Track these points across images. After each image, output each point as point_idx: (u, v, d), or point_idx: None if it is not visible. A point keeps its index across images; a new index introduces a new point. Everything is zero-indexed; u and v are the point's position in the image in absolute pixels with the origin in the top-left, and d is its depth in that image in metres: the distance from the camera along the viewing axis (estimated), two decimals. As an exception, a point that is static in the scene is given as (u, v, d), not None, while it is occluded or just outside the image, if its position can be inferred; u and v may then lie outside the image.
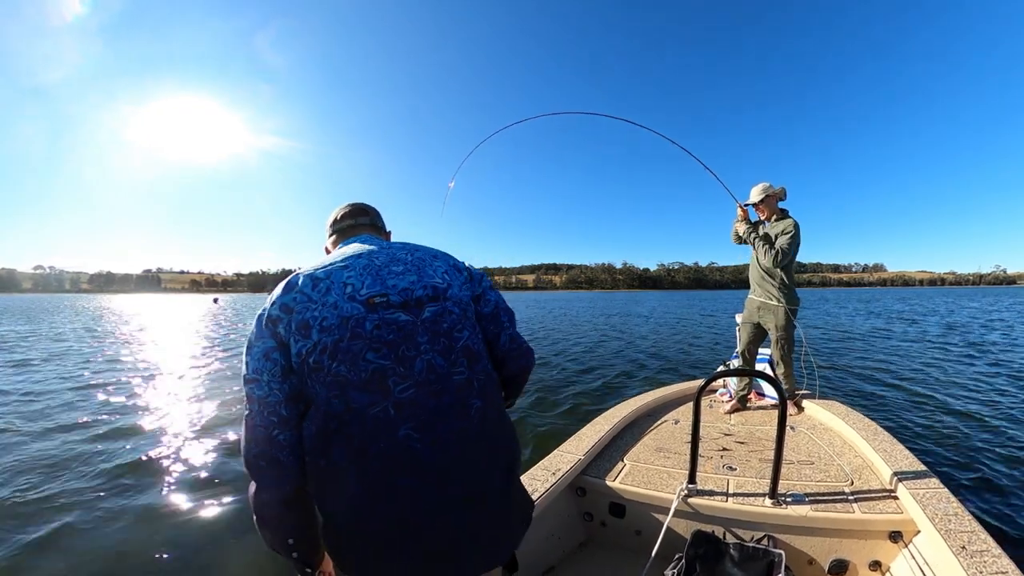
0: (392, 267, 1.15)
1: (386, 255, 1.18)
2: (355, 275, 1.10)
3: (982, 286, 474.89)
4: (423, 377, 1.06)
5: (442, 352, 1.10)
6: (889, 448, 2.50)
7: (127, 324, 24.36)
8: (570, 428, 3.21)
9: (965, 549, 1.61)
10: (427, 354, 1.08)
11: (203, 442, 5.08)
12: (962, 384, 7.72)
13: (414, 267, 1.17)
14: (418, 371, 1.06)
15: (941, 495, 1.97)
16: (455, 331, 1.13)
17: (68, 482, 4.05)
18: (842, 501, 2.09)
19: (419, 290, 1.12)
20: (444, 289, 1.16)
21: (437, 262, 1.22)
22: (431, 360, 1.07)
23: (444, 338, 1.11)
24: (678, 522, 2.15)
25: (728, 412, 3.56)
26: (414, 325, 1.08)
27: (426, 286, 1.14)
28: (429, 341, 1.09)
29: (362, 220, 1.38)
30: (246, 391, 1.05)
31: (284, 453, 1.02)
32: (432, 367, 1.07)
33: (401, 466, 1.01)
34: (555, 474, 2.30)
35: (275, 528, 1.08)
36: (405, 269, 1.16)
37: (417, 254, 1.22)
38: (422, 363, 1.06)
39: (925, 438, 5.00)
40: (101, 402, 6.92)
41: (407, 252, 1.21)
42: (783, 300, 3.56)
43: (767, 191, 3.71)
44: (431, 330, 1.10)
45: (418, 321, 1.09)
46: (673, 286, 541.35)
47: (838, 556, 1.99)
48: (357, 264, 1.13)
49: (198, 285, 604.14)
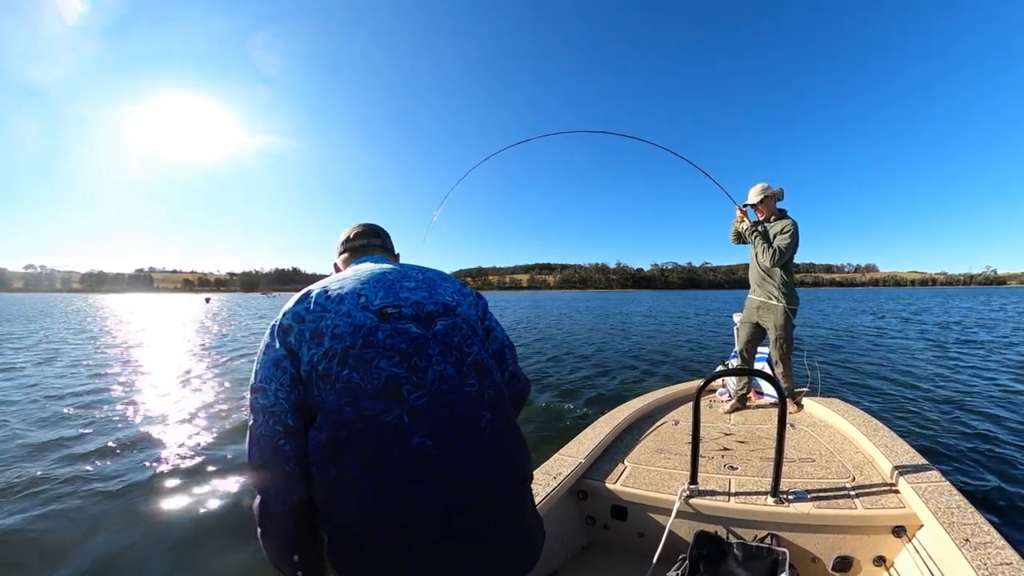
0: (404, 283, 1.19)
1: (398, 273, 1.23)
2: (368, 287, 1.14)
3: (973, 286, 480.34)
4: (435, 387, 1.06)
5: (453, 364, 1.11)
6: (890, 443, 2.50)
7: (103, 325, 23.59)
8: (573, 432, 3.18)
9: (969, 542, 1.61)
10: (438, 365, 1.08)
11: (187, 448, 5.01)
12: (958, 379, 7.78)
13: (425, 284, 1.21)
14: (430, 381, 1.06)
15: (943, 488, 1.97)
16: (465, 345, 1.15)
17: (57, 486, 3.98)
18: (844, 497, 2.09)
19: (430, 305, 1.16)
20: (454, 306, 1.19)
21: (446, 283, 1.27)
22: (443, 371, 1.08)
23: (455, 351, 1.12)
24: (680, 523, 2.14)
25: (728, 412, 3.56)
26: (425, 337, 1.10)
27: (437, 302, 1.17)
28: (440, 353, 1.10)
29: (374, 241, 1.45)
30: (251, 400, 1.05)
31: (290, 464, 1.02)
32: (444, 378, 1.08)
33: (416, 474, 1.00)
34: (556, 478, 2.28)
35: (279, 541, 1.07)
36: (417, 285, 1.20)
37: (427, 274, 1.26)
38: (433, 373, 1.07)
39: (925, 433, 5.01)
40: (78, 407, 6.74)
41: (418, 272, 1.26)
42: (783, 299, 3.58)
43: (766, 191, 3.74)
44: (442, 343, 1.12)
45: (429, 333, 1.11)
46: (667, 286, 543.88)
47: (842, 552, 1.98)
48: (371, 278, 1.17)
49: (191, 285, 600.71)
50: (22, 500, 3.70)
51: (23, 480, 4.05)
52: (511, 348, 1.37)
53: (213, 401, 6.77)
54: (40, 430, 5.54)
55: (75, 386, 8.01)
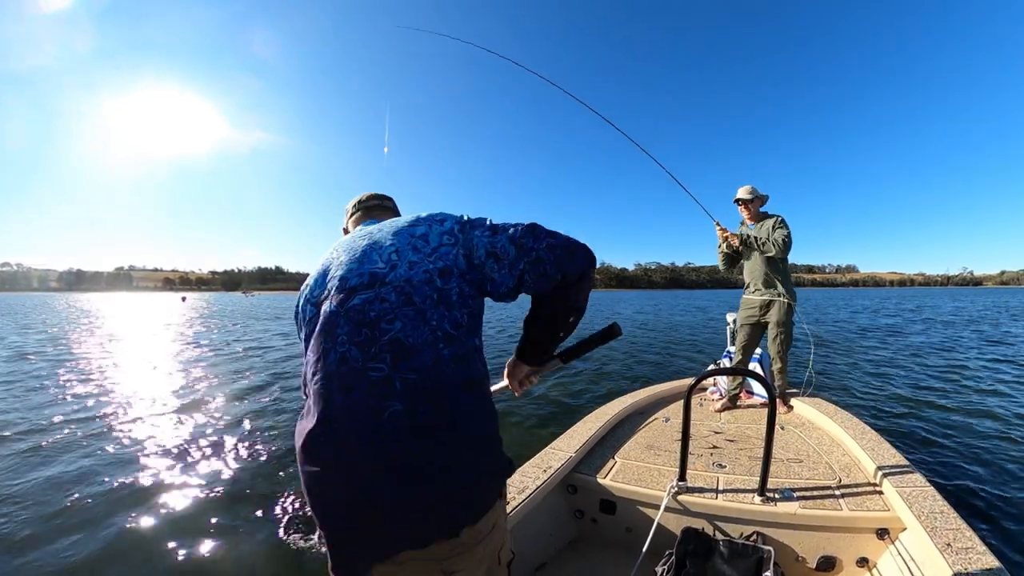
0: (342, 257, 1.13)
1: (348, 244, 1.17)
2: (313, 277, 1.17)
3: (950, 287, 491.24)
4: (334, 369, 0.99)
5: (360, 344, 0.98)
6: (876, 446, 2.54)
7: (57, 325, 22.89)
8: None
9: (950, 546, 1.64)
10: (342, 346, 0.99)
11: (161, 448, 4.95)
12: (946, 381, 7.86)
13: (362, 253, 1.10)
14: (329, 363, 1.00)
15: (927, 493, 2.00)
16: (384, 321, 0.99)
17: (49, 492, 3.90)
18: (830, 498, 2.11)
19: (354, 279, 1.06)
20: (383, 274, 1.04)
21: (395, 238, 1.11)
22: (346, 352, 0.99)
23: (366, 328, 0.99)
24: (668, 519, 2.16)
25: (718, 410, 3.59)
26: (336, 316, 1.02)
27: (361, 273, 1.06)
28: (348, 332, 1.00)
29: (370, 203, 1.43)
30: None
31: None
32: (345, 359, 0.98)
33: (312, 458, 0.99)
34: (546, 471, 2.30)
35: None
36: (351, 258, 1.10)
37: (376, 236, 1.14)
38: (335, 355, 0.99)
39: (910, 436, 5.07)
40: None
41: (367, 236, 1.16)
42: (787, 295, 3.66)
43: (754, 193, 3.84)
44: (354, 320, 1.00)
45: (341, 310, 1.02)
46: (650, 286, 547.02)
47: (826, 552, 2.01)
48: (323, 262, 1.18)
49: (171, 283, 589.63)
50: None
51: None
52: (526, 230, 1.11)
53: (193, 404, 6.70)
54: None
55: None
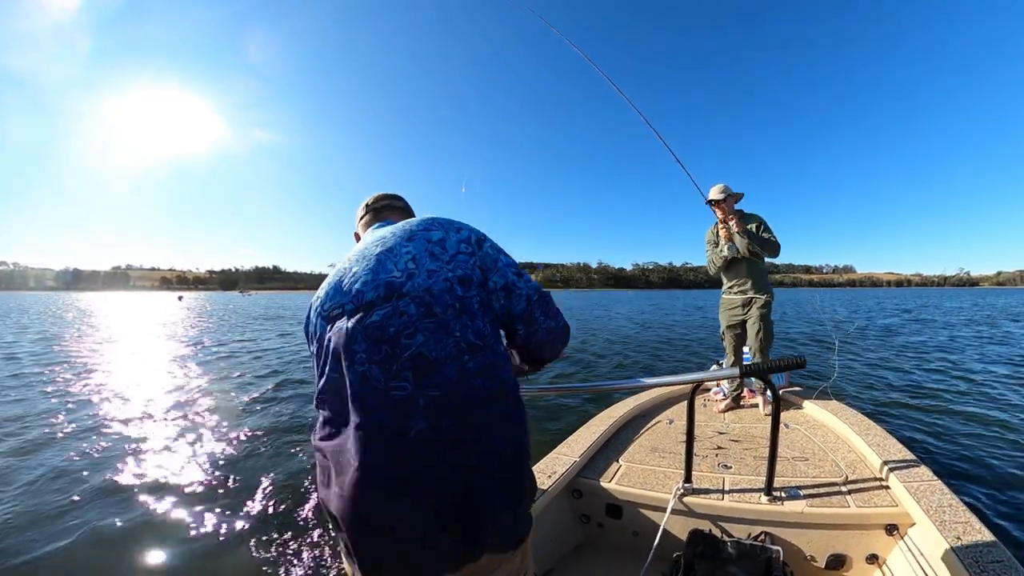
0: (356, 268, 1.06)
1: (361, 252, 1.11)
2: (325, 289, 1.10)
3: (947, 287, 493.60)
4: (354, 391, 0.94)
5: (380, 362, 0.93)
6: (882, 442, 2.53)
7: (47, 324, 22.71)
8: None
9: (960, 540, 1.63)
10: (361, 365, 0.94)
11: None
12: (949, 377, 7.89)
13: (376, 261, 1.04)
14: (349, 384, 0.95)
15: (935, 487, 1.99)
16: (404, 336, 0.95)
17: (44, 496, 3.88)
18: (837, 495, 2.10)
19: (370, 292, 1.00)
20: (400, 284, 0.99)
21: (411, 244, 1.06)
22: (366, 372, 0.94)
23: (386, 345, 0.94)
24: (675, 522, 2.14)
25: (722, 411, 3.58)
26: (353, 332, 0.97)
27: (377, 285, 1.00)
28: (367, 350, 0.95)
29: (379, 204, 1.37)
30: None
31: None
32: (366, 379, 0.93)
33: (336, 475, 0.97)
34: (551, 476, 2.28)
35: None
36: (365, 268, 1.04)
37: (390, 242, 1.08)
38: (355, 375, 0.94)
39: (917, 430, 5.06)
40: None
41: (380, 242, 1.10)
42: (766, 292, 3.72)
43: (726, 192, 3.84)
44: (372, 337, 0.95)
45: (359, 327, 0.97)
46: (648, 285, 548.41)
47: (835, 551, 2.00)
48: (336, 273, 1.11)
49: (168, 283, 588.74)
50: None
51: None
52: (542, 301, 1.15)
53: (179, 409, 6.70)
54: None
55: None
